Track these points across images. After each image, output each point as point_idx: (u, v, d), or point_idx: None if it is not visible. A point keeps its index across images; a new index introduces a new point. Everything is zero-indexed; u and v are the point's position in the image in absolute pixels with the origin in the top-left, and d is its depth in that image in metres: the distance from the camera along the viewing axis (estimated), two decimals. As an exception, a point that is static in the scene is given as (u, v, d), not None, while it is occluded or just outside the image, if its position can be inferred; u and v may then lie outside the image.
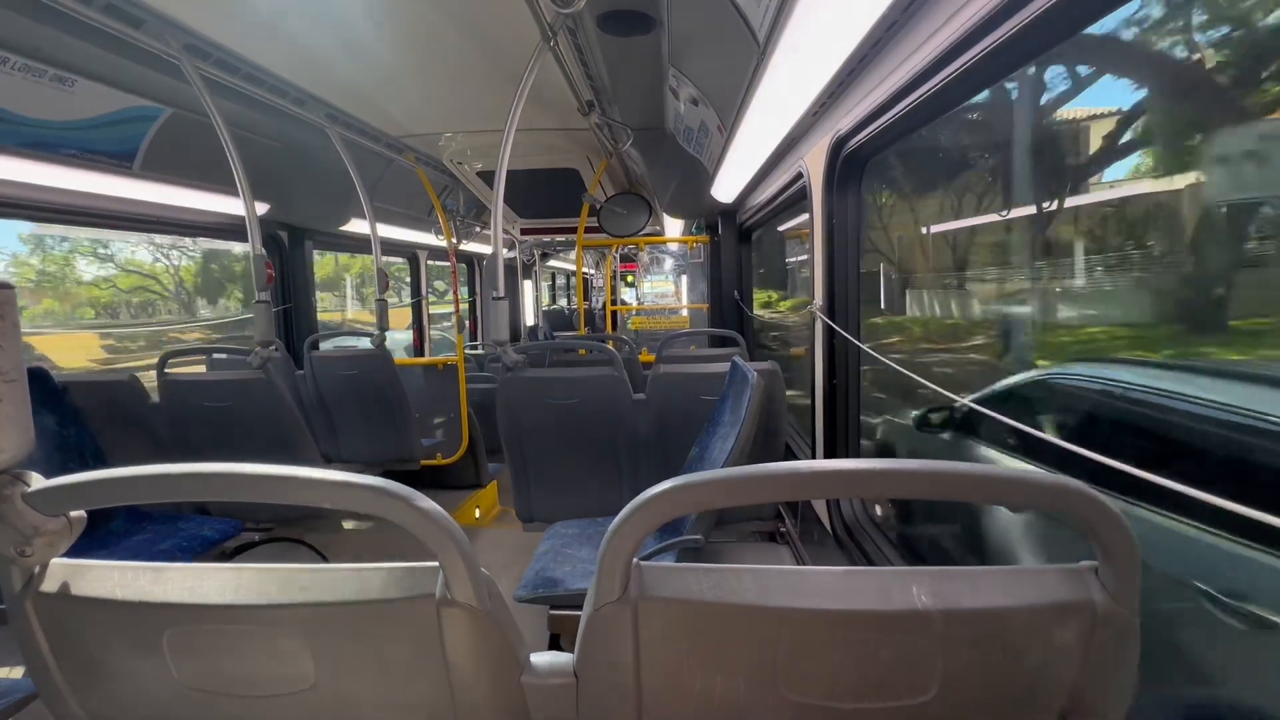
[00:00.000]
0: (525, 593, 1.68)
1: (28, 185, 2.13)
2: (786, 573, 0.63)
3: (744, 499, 0.58)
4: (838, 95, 1.52)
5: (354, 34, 1.93)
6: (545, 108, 2.68)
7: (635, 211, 3.73)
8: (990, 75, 1.11)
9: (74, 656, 0.68)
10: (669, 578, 0.63)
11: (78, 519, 0.66)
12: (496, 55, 2.09)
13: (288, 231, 3.54)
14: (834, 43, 1.22)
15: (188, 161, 2.56)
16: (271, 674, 0.67)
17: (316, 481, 0.60)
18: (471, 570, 0.63)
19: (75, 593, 0.66)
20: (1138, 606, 0.57)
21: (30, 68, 1.88)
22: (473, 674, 0.66)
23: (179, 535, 2.09)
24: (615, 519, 0.61)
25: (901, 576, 0.61)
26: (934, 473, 0.55)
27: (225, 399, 2.34)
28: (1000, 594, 0.59)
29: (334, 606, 0.64)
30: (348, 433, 3.27)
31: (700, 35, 1.71)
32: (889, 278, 2.68)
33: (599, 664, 0.66)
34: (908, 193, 2.56)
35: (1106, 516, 0.54)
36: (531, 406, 2.23)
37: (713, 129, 2.20)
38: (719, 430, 1.81)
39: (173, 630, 0.65)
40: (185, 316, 6.92)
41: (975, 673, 0.59)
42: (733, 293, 3.91)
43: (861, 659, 0.60)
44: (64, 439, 2.08)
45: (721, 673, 0.63)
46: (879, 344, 2.38)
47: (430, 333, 5.18)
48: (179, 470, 0.61)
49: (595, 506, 2.28)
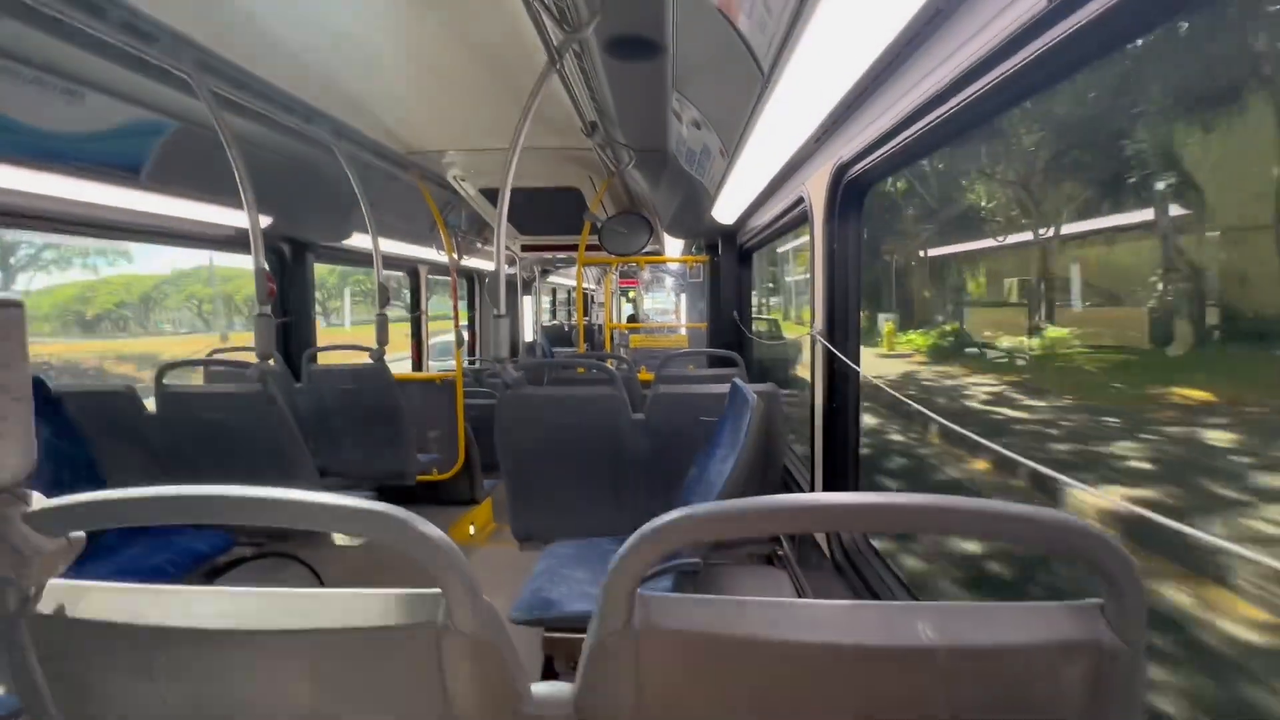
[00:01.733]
0: (520, 614, 1.66)
1: (36, 196, 2.14)
2: (791, 605, 0.63)
3: (754, 530, 0.58)
4: (840, 122, 1.54)
5: (363, 52, 1.96)
6: (549, 128, 2.71)
7: (636, 231, 3.76)
8: (996, 106, 1.12)
9: (66, 679, 0.67)
10: (673, 608, 0.63)
11: (77, 540, 0.66)
12: (503, 76, 2.12)
13: (290, 245, 3.55)
14: (838, 71, 1.24)
15: (194, 174, 2.58)
16: (266, 701, 0.66)
17: (320, 506, 0.60)
18: (475, 598, 0.63)
19: (71, 614, 0.65)
20: (1144, 645, 0.57)
21: (41, 80, 1.90)
22: (474, 705, 0.65)
23: (171, 549, 2.07)
24: (622, 547, 0.61)
25: (906, 611, 0.61)
26: (939, 508, 0.55)
27: (222, 412, 2.33)
28: (1006, 630, 0.58)
29: (332, 633, 0.63)
30: (344, 447, 3.25)
31: (704, 62, 1.74)
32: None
33: (601, 695, 0.65)
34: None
35: (1110, 554, 0.54)
36: (530, 424, 2.23)
37: (715, 152, 2.22)
38: (718, 452, 1.81)
39: (167, 655, 0.64)
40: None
41: (980, 710, 0.59)
42: (732, 313, 3.93)
43: (864, 694, 0.60)
44: (58, 450, 2.06)
45: (724, 705, 0.62)
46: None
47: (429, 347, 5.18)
48: (182, 492, 0.60)
49: (593, 526, 2.26)
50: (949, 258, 8.72)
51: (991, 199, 7.35)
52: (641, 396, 2.32)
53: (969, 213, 7.70)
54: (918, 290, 9.30)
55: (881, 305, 9.26)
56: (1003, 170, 6.98)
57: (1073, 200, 6.12)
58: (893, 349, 8.56)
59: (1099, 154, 5.57)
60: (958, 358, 7.45)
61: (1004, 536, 0.57)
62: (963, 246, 8.29)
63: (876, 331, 8.85)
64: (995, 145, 6.99)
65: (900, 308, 9.23)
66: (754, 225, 3.15)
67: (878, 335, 8.83)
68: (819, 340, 1.82)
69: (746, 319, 3.89)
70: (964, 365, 7.17)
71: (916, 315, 8.81)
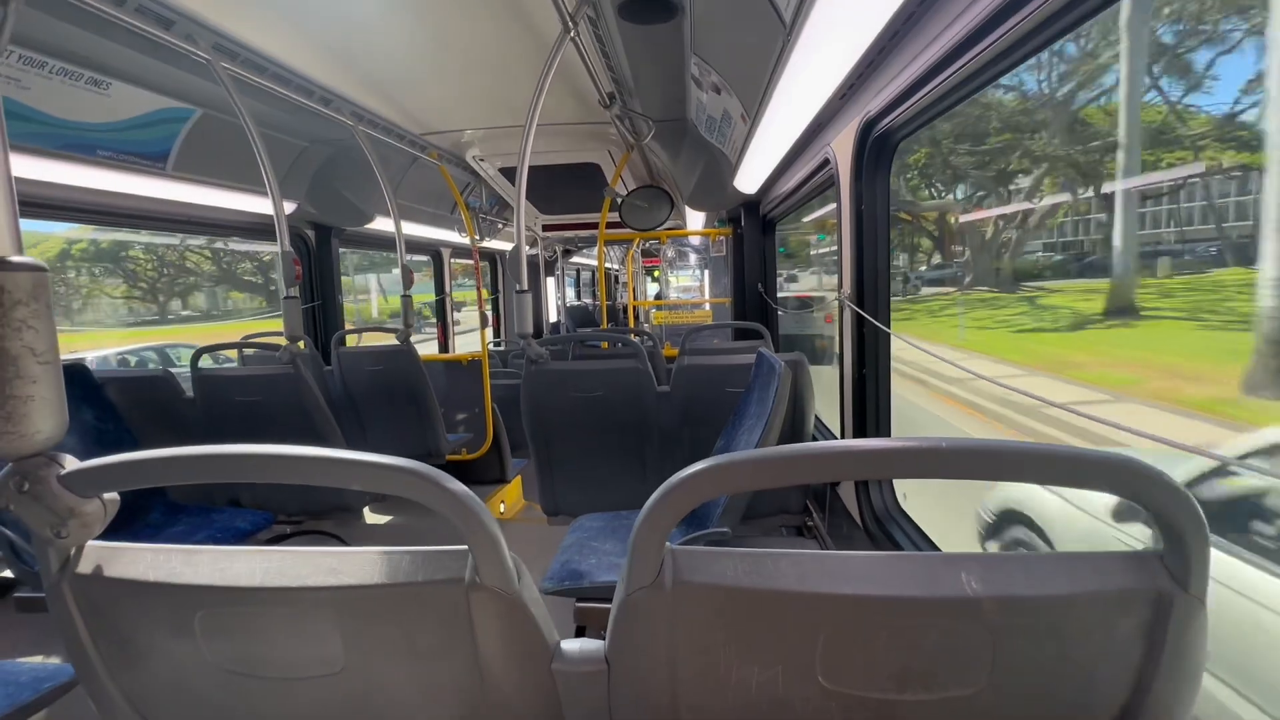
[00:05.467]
0: (551, 584, 1.67)
1: (66, 186, 2.19)
2: (826, 557, 0.61)
3: (783, 480, 0.56)
4: (867, 76, 1.48)
5: (377, 32, 1.94)
6: (566, 101, 2.67)
7: (657, 205, 3.72)
8: (1029, 49, 1.06)
9: (109, 637, 0.69)
10: (704, 562, 0.61)
11: (111, 501, 0.67)
12: (518, 48, 2.09)
13: (315, 230, 3.59)
14: (864, 19, 1.18)
15: (218, 161, 2.61)
16: (301, 657, 0.66)
17: (347, 463, 0.60)
18: (500, 554, 0.62)
19: (109, 574, 0.66)
20: (1207, 595, 0.54)
21: (67, 71, 1.93)
22: (502, 660, 0.65)
23: (213, 527, 2.14)
24: (649, 501, 0.59)
25: (949, 561, 0.58)
26: (984, 451, 0.52)
27: (255, 394, 2.38)
28: (1056, 581, 0.55)
29: (363, 590, 0.63)
30: (374, 428, 3.31)
31: (723, 20, 1.68)
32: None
33: (632, 651, 0.64)
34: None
35: (1174, 497, 0.51)
36: (555, 399, 2.23)
37: (735, 117, 2.16)
38: (745, 422, 1.78)
39: (204, 612, 0.65)
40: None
41: (1029, 664, 0.56)
42: (756, 285, 3.86)
43: (905, 648, 0.58)
44: (102, 433, 2.13)
45: (759, 661, 0.61)
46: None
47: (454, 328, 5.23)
48: (210, 451, 0.60)
49: (620, 500, 2.27)
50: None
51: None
52: (666, 371, 2.30)
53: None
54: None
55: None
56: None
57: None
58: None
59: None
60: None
61: (1064, 480, 0.53)
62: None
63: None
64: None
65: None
66: (777, 193, 3.08)
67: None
68: (847, 305, 1.77)
69: (772, 290, 3.83)
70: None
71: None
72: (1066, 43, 6.81)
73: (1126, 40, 5.49)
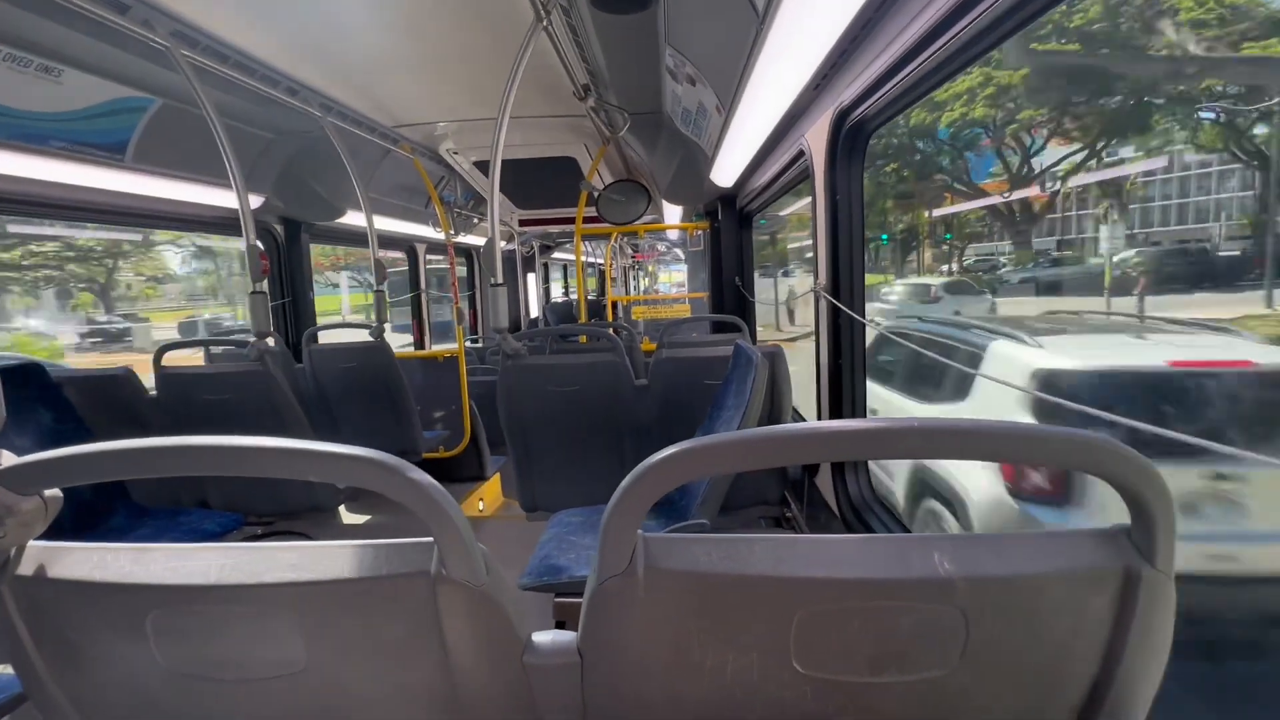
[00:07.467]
0: (529, 580, 1.65)
1: (16, 179, 2.10)
2: (800, 541, 0.60)
3: (756, 462, 0.55)
4: (840, 66, 1.48)
5: (344, 20, 1.89)
6: (541, 93, 2.64)
7: (634, 199, 3.70)
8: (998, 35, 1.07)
9: (54, 642, 0.65)
10: (676, 549, 0.60)
11: (53, 498, 0.63)
12: (489, 38, 2.05)
13: (284, 224, 3.51)
14: (837, 7, 1.18)
15: (180, 153, 2.53)
16: (260, 656, 0.64)
17: (302, 453, 0.57)
18: (467, 545, 0.60)
19: (53, 575, 0.63)
20: (1174, 569, 0.54)
21: (15, 57, 1.85)
22: (472, 655, 0.64)
23: (179, 529, 2.07)
24: (620, 485, 0.58)
25: (921, 543, 0.58)
26: (961, 431, 0.52)
27: (223, 392, 2.31)
28: (1027, 560, 0.55)
29: (324, 585, 0.61)
30: (348, 426, 3.24)
31: (697, 10, 1.67)
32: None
33: (604, 641, 0.63)
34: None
35: (1142, 474, 0.51)
36: (533, 394, 2.21)
37: (711, 109, 2.15)
38: (723, 414, 1.78)
39: (156, 613, 0.63)
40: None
41: (1000, 643, 0.57)
42: (734, 279, 3.87)
43: (878, 630, 0.57)
44: (60, 435, 2.05)
45: (733, 648, 0.60)
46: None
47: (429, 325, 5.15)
48: (155, 444, 0.58)
49: (598, 494, 2.24)
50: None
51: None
52: (645, 364, 2.29)
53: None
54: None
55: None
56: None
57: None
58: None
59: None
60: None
61: (1031, 459, 0.53)
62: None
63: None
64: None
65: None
66: (753, 186, 3.08)
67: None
68: (823, 296, 1.78)
69: (749, 283, 3.84)
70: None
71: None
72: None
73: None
